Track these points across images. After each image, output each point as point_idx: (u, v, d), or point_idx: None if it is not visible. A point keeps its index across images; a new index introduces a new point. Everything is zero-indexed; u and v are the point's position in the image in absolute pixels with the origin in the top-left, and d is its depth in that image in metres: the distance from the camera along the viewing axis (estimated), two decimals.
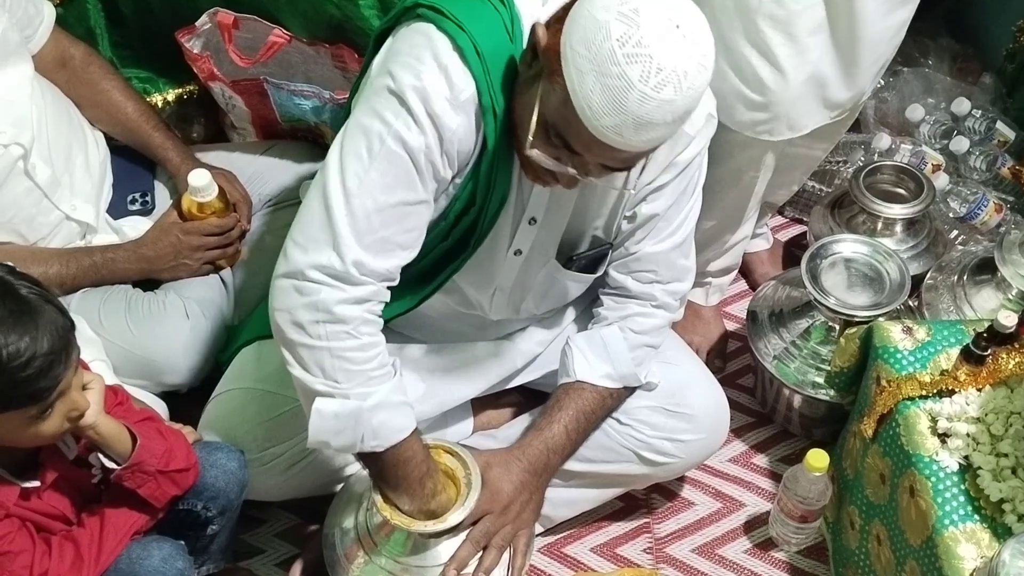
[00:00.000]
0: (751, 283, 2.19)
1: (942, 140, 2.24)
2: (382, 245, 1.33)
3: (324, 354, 1.34)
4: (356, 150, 1.31)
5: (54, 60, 1.78)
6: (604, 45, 1.15)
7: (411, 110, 1.28)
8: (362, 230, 1.31)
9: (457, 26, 1.28)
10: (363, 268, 1.32)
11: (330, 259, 1.31)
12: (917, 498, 1.47)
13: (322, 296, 1.32)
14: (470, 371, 1.70)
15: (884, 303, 1.78)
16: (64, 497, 1.36)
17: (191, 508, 1.47)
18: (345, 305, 1.33)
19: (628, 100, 1.16)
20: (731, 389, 1.98)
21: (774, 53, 1.62)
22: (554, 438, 1.56)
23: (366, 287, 1.34)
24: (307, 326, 1.33)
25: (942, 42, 2.39)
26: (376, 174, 1.30)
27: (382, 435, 1.39)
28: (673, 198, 1.49)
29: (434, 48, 1.29)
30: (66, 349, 1.22)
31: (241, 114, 2.05)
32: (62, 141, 1.73)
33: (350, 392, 1.36)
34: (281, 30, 1.86)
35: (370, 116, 1.30)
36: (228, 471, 1.49)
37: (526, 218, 1.46)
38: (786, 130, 1.73)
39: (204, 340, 1.75)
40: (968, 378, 1.54)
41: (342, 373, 1.35)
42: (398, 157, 1.30)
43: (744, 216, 1.94)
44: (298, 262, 1.32)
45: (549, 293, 1.63)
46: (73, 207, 1.74)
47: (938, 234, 2.05)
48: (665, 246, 1.54)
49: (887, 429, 1.56)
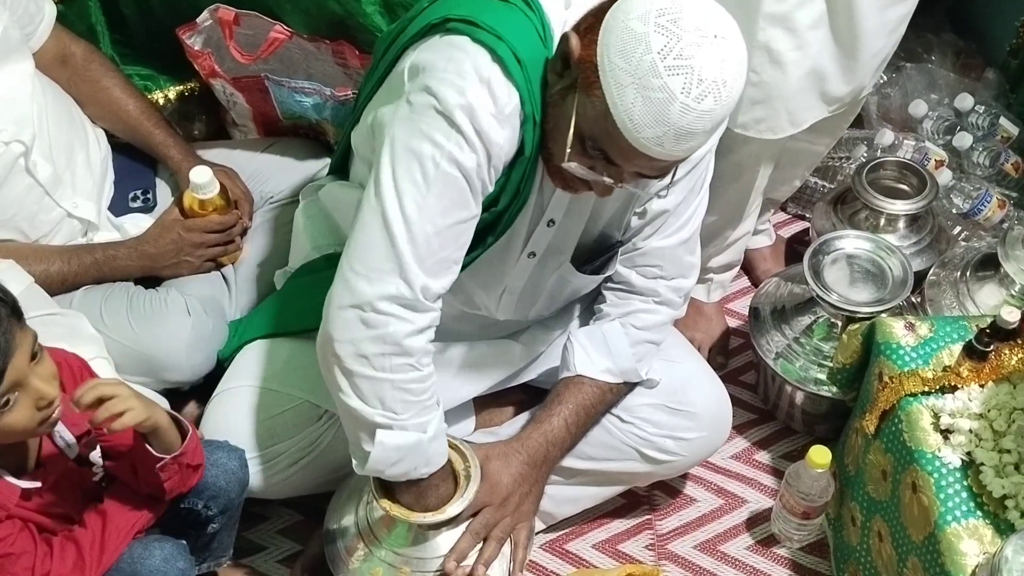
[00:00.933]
0: (753, 280, 2.19)
1: (945, 136, 2.23)
2: (441, 265, 1.33)
3: (386, 386, 1.34)
4: (410, 175, 1.29)
5: (55, 58, 1.78)
6: (645, 58, 1.15)
7: (461, 129, 1.26)
8: (424, 255, 1.30)
9: (495, 36, 1.27)
10: (428, 293, 1.32)
11: (399, 288, 1.30)
12: (919, 494, 1.46)
13: (391, 329, 1.31)
14: (473, 370, 1.70)
15: (886, 299, 1.77)
16: (65, 497, 1.35)
17: (192, 507, 1.47)
18: (413, 337, 1.33)
19: (670, 112, 1.16)
20: (733, 386, 1.97)
21: (775, 49, 1.62)
22: (553, 431, 1.56)
23: (430, 313, 1.35)
24: (372, 358, 1.32)
25: (945, 38, 2.39)
26: (434, 199, 1.29)
27: (434, 462, 1.41)
28: (683, 194, 1.50)
29: (474, 62, 1.27)
30: (4, 340, 1.16)
31: (242, 111, 2.05)
32: (63, 139, 1.73)
33: (408, 423, 1.36)
34: (282, 26, 1.86)
35: (419, 138, 1.28)
36: (229, 470, 1.49)
37: (544, 220, 1.46)
38: (787, 126, 1.73)
39: (206, 337, 1.74)
40: (971, 374, 1.53)
41: (401, 404, 1.35)
42: (453, 179, 1.29)
43: (745, 212, 1.94)
44: (365, 294, 1.31)
45: (559, 295, 1.63)
46: (75, 204, 1.74)
47: (941, 230, 2.05)
48: (672, 241, 1.54)
49: (889, 425, 1.56)
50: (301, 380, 1.59)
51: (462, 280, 1.49)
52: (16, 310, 1.21)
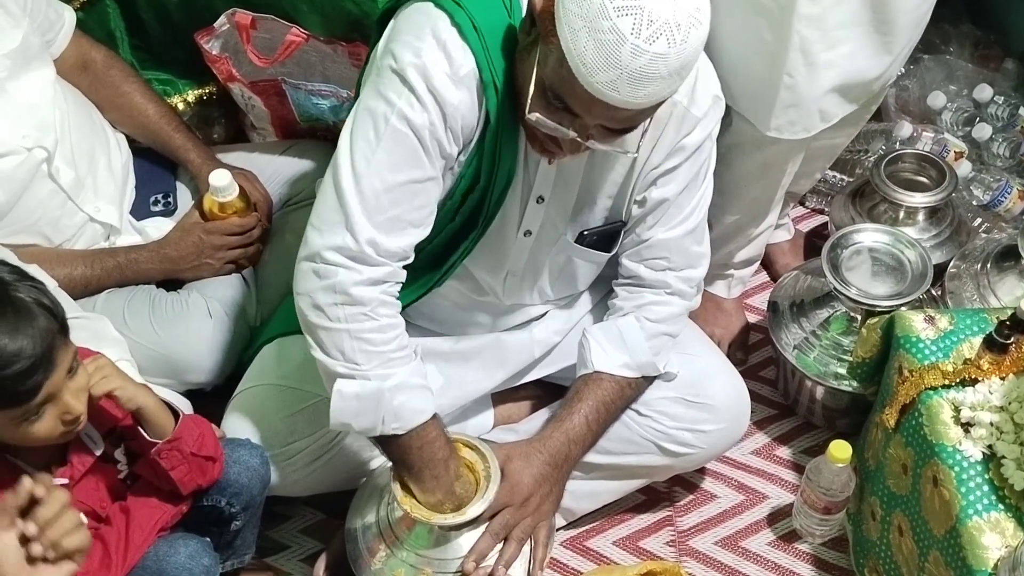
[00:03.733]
0: (772, 274, 2.18)
1: (964, 127, 2.22)
2: (393, 224, 1.35)
3: (343, 336, 1.37)
4: (364, 132, 1.33)
5: (75, 63, 1.80)
6: (596, 1, 1.15)
7: (413, 88, 1.30)
8: (372, 209, 1.33)
9: (454, 3, 1.31)
10: (377, 248, 1.35)
11: (344, 240, 1.34)
12: (941, 488, 1.46)
13: (339, 278, 1.35)
14: (488, 362, 1.71)
15: (906, 292, 1.76)
16: (92, 493, 1.37)
17: (215, 504, 1.48)
18: (362, 287, 1.36)
19: (621, 54, 1.16)
20: (753, 381, 1.97)
21: (809, 51, 1.61)
22: (575, 429, 1.56)
23: (382, 268, 1.36)
24: (326, 308, 1.36)
25: (963, 28, 2.37)
26: (383, 154, 1.32)
27: (403, 417, 1.41)
28: (684, 183, 1.49)
29: (433, 25, 1.31)
30: (49, 355, 1.20)
31: (260, 114, 2.06)
32: (85, 144, 1.75)
33: (370, 373, 1.39)
34: (299, 29, 1.87)
35: (375, 98, 1.33)
36: (251, 467, 1.50)
37: (533, 196, 1.47)
38: (819, 122, 1.72)
39: (227, 339, 1.77)
40: (991, 367, 1.52)
41: (362, 355, 1.37)
42: (403, 135, 1.32)
43: (769, 208, 1.94)
44: (315, 244, 1.36)
45: (562, 274, 1.63)
46: (97, 209, 1.76)
47: (961, 222, 2.03)
48: (677, 232, 1.54)
49: (910, 419, 1.55)
50: (318, 377, 1.59)
51: (467, 267, 1.52)
52: (64, 327, 1.24)
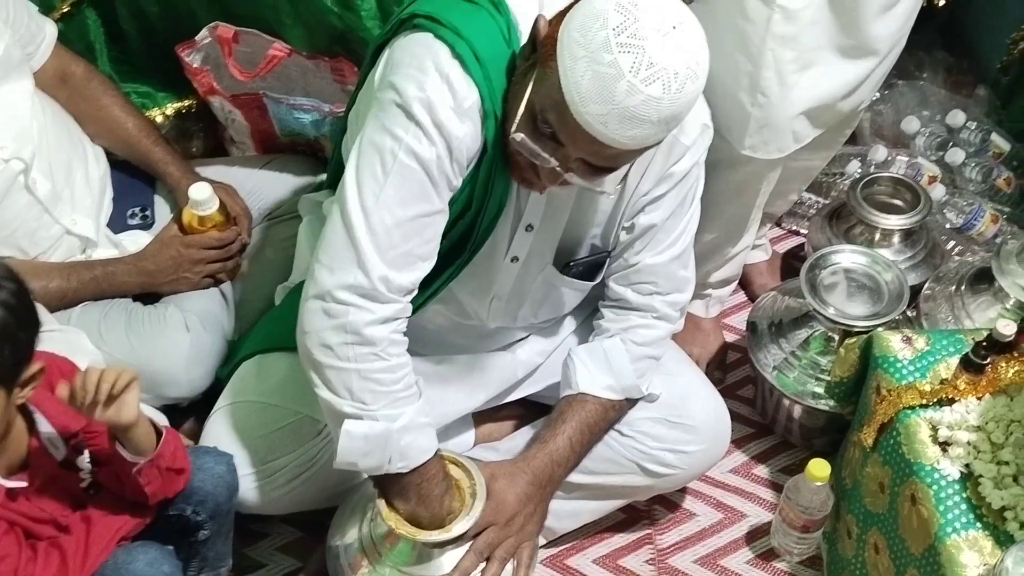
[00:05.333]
0: (750, 294, 2.20)
1: (938, 152, 2.25)
2: (404, 259, 1.34)
3: (353, 376, 1.35)
4: (371, 168, 1.32)
5: (55, 76, 1.79)
6: (600, 33, 1.16)
7: (419, 122, 1.29)
8: (384, 246, 1.32)
9: (455, 34, 1.29)
10: (389, 285, 1.33)
11: (356, 278, 1.32)
12: (919, 506, 1.47)
13: (351, 318, 1.33)
14: (470, 383, 1.70)
15: (883, 313, 1.78)
16: (52, 500, 1.34)
17: (180, 513, 1.47)
18: (374, 327, 1.34)
19: (616, 89, 1.16)
20: (731, 400, 1.97)
21: (782, 70, 1.63)
22: (558, 450, 1.56)
23: (392, 305, 1.35)
24: (336, 348, 1.34)
25: (936, 55, 2.41)
26: (392, 189, 1.31)
27: (409, 456, 1.40)
28: (671, 209, 1.50)
29: (435, 57, 1.30)
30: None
31: (240, 128, 2.05)
32: (62, 156, 1.73)
33: (378, 414, 1.37)
34: (281, 44, 1.87)
35: (380, 132, 1.31)
36: (216, 474, 1.49)
37: (523, 225, 1.47)
38: (792, 143, 1.74)
39: (204, 353, 1.75)
40: (968, 387, 1.54)
41: (370, 395, 1.36)
42: (411, 171, 1.31)
43: (746, 228, 1.95)
44: (326, 283, 1.33)
45: (546, 301, 1.63)
46: (73, 221, 1.74)
47: (935, 245, 2.06)
48: (664, 257, 1.54)
49: (888, 438, 1.57)
50: (299, 394, 1.59)
51: (452, 290, 1.51)
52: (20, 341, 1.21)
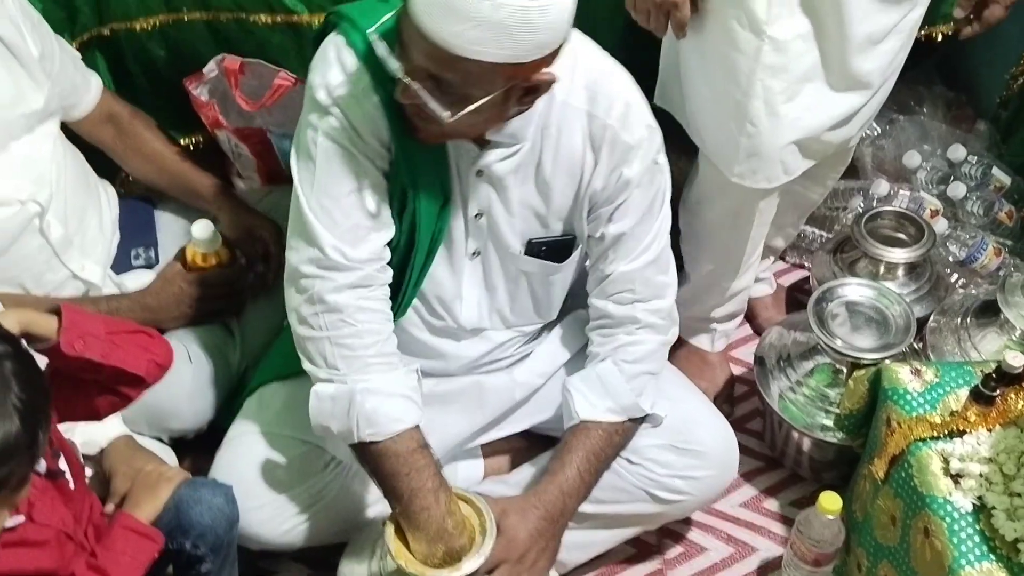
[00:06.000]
0: (755, 327, 2.20)
1: (939, 186, 2.27)
2: (354, 233, 1.42)
3: (325, 343, 1.44)
4: (303, 159, 1.42)
5: (101, 117, 1.83)
6: None
7: (324, 107, 1.38)
8: (329, 224, 1.40)
9: (350, 25, 1.38)
10: (345, 255, 1.41)
11: (313, 252, 1.42)
12: (932, 539, 1.46)
13: (316, 288, 1.42)
14: (469, 404, 1.71)
15: (891, 345, 1.79)
16: (54, 512, 1.32)
17: (180, 548, 1.46)
18: (336, 293, 1.42)
19: None
20: (740, 433, 1.94)
21: (772, 101, 1.65)
22: (568, 482, 1.55)
23: (354, 272, 1.42)
24: (309, 319, 1.44)
25: (936, 90, 2.44)
26: (321, 173, 1.40)
27: (377, 423, 1.43)
28: (639, 215, 1.51)
29: (336, 49, 1.39)
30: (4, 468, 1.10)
31: (247, 162, 2.07)
32: (78, 202, 1.75)
33: (347, 377, 1.43)
34: (287, 73, 1.89)
35: (302, 127, 1.42)
36: (214, 507, 1.48)
37: (472, 213, 1.50)
38: (781, 175, 1.75)
39: (208, 385, 1.75)
40: (978, 419, 1.54)
41: (342, 360, 1.43)
42: (331, 149, 1.39)
43: (743, 262, 1.95)
44: (292, 262, 1.45)
45: (518, 293, 1.63)
46: (82, 267, 1.75)
47: (939, 278, 2.07)
48: (639, 263, 1.54)
49: (899, 470, 1.57)
50: (299, 421, 1.58)
51: (424, 294, 1.56)
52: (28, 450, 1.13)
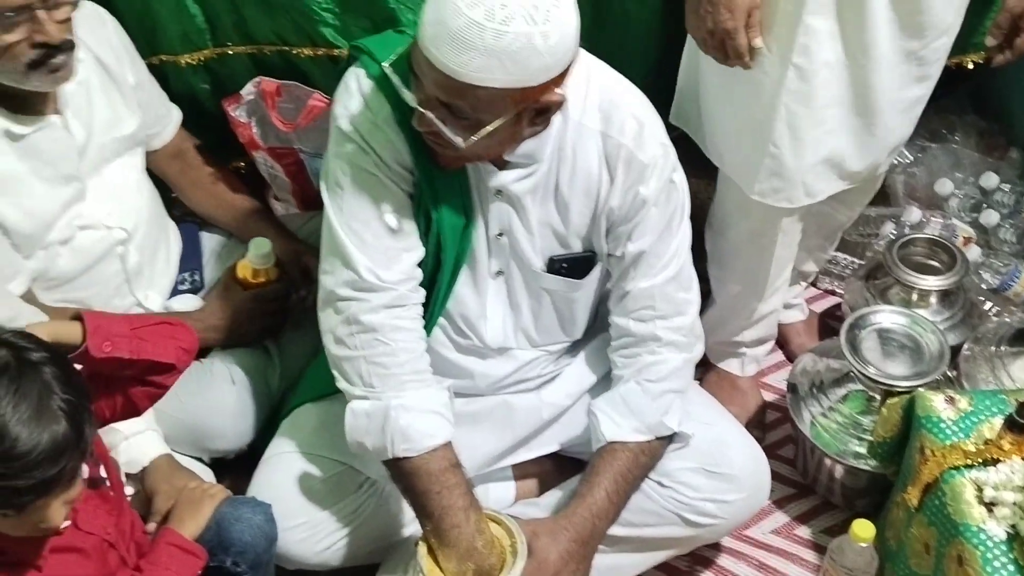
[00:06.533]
0: (787, 354, 2.20)
1: (972, 213, 2.27)
2: (385, 255, 1.47)
3: (361, 362, 1.48)
4: (332, 188, 1.48)
5: (172, 151, 1.91)
6: None
7: (349, 136, 1.44)
8: (361, 247, 1.46)
9: (370, 57, 1.44)
10: (378, 276, 1.47)
11: (348, 274, 1.47)
12: (966, 567, 1.46)
13: (352, 310, 1.47)
14: (497, 424, 1.72)
15: (925, 372, 1.79)
16: (96, 519, 1.35)
17: (221, 564, 1.49)
18: (371, 314, 1.47)
19: (446, 11, 1.25)
20: (772, 460, 1.93)
21: (795, 125, 1.67)
22: (596, 503, 1.56)
23: (388, 293, 1.47)
24: (345, 339, 1.48)
25: (967, 119, 2.44)
26: (350, 199, 1.46)
27: (411, 438, 1.46)
28: (658, 232, 1.53)
29: (356, 79, 1.45)
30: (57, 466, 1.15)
31: (283, 184, 2.10)
32: (153, 234, 1.82)
33: (382, 395, 1.48)
34: (320, 94, 1.93)
35: (329, 157, 1.49)
36: (254, 524, 1.52)
37: (492, 233, 1.53)
38: (803, 196, 1.77)
39: (250, 406, 1.79)
40: (1012, 447, 1.54)
41: (377, 378, 1.48)
42: (358, 177, 1.45)
43: (768, 284, 1.95)
44: (328, 285, 1.50)
45: (541, 312, 1.65)
46: (146, 296, 1.82)
47: (972, 305, 2.07)
48: (659, 280, 1.56)
49: (933, 498, 1.56)
50: (331, 441, 1.62)
51: (450, 314, 1.59)
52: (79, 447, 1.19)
